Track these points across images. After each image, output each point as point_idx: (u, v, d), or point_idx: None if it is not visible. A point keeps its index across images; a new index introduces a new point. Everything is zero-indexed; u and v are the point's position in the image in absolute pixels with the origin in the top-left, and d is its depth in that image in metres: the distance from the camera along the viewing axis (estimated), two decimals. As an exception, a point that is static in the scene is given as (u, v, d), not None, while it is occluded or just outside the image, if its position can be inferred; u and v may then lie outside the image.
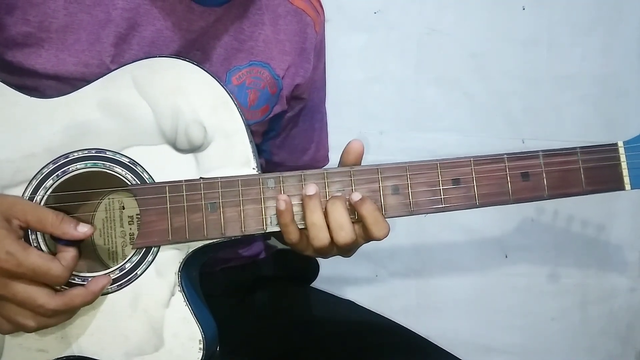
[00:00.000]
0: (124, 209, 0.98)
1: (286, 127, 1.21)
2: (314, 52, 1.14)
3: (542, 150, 0.94)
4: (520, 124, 1.84)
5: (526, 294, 1.91)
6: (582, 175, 0.93)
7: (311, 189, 0.89)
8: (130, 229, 0.98)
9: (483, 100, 1.83)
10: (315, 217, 0.88)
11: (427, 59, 1.80)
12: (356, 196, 0.89)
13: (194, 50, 1.02)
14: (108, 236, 0.98)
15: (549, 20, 1.82)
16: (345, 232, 0.88)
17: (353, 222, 0.90)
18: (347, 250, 0.92)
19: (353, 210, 0.89)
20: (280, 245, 1.27)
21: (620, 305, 1.95)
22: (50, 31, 0.95)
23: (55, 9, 0.95)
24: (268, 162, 1.23)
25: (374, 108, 1.80)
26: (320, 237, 0.88)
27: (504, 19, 1.81)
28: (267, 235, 1.13)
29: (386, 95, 1.80)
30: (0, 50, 0.96)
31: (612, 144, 0.94)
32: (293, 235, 0.90)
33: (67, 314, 0.86)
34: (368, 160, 0.94)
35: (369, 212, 0.89)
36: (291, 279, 1.24)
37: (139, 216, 0.90)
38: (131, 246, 0.91)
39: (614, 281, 1.94)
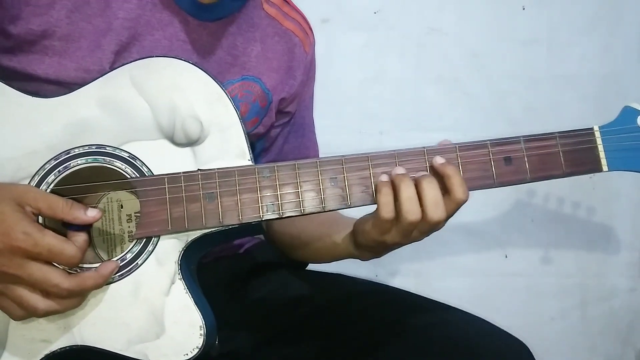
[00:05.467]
0: (122, 207, 1.00)
1: (275, 142, 1.24)
2: (303, 70, 1.19)
3: (523, 136, 0.97)
4: (520, 124, 1.84)
5: (526, 294, 1.91)
6: (562, 158, 0.97)
7: (401, 169, 0.93)
8: (129, 226, 0.99)
9: (483, 100, 1.83)
10: (411, 191, 0.91)
11: (427, 58, 1.81)
12: (439, 159, 0.93)
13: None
14: (107, 234, 0.99)
15: (549, 20, 1.83)
16: (440, 209, 0.91)
17: None
18: (430, 231, 0.94)
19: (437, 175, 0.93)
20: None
21: (620, 305, 1.95)
22: (53, 39, 0.98)
23: (58, 18, 0.97)
24: None
25: (374, 108, 1.81)
26: (414, 210, 0.90)
27: (504, 19, 1.82)
28: (262, 228, 1.14)
29: (386, 95, 1.81)
30: (5, 58, 0.99)
31: (588, 128, 0.98)
32: (390, 207, 0.91)
33: (78, 297, 0.88)
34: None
35: (455, 171, 0.92)
36: (283, 265, 1.24)
37: (137, 214, 0.91)
38: (130, 244, 0.92)
39: (614, 281, 1.94)
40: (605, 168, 0.97)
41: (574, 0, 1.83)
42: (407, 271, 1.86)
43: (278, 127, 1.22)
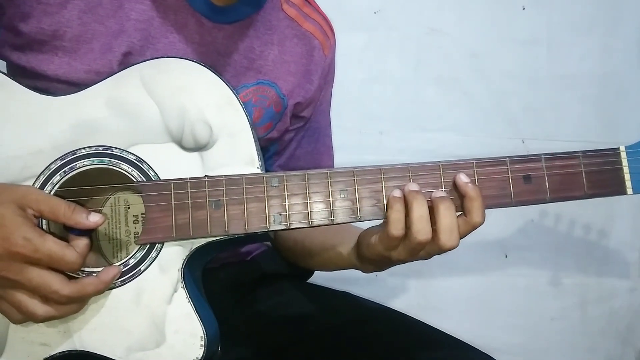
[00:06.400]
0: (129, 208, 0.98)
1: (288, 146, 1.22)
2: (321, 74, 1.16)
3: (544, 154, 0.93)
4: (520, 124, 1.85)
5: (526, 294, 1.92)
6: (584, 179, 0.93)
7: (415, 185, 0.90)
8: (135, 227, 0.98)
9: (483, 100, 1.83)
10: (423, 210, 0.88)
11: (427, 59, 1.80)
12: (464, 178, 0.90)
13: None
14: (113, 234, 0.98)
15: (549, 20, 1.83)
16: (454, 236, 0.88)
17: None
18: (438, 253, 0.92)
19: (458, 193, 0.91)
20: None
21: (620, 305, 1.96)
22: (64, 40, 0.96)
23: (69, 18, 0.96)
24: None
25: (374, 108, 1.81)
26: (425, 230, 0.88)
27: (504, 19, 1.82)
28: (269, 236, 1.13)
29: (386, 95, 1.80)
30: (14, 55, 0.98)
31: (614, 148, 0.94)
32: (400, 225, 0.89)
33: (77, 303, 0.87)
34: (368, 160, 0.94)
35: (478, 194, 0.89)
36: (288, 276, 1.24)
37: (144, 215, 0.90)
38: (135, 245, 0.91)
39: (614, 281, 1.95)
40: (629, 191, 0.93)
41: (574, 0, 1.83)
42: (407, 271, 1.85)
43: (292, 132, 1.20)
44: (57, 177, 0.91)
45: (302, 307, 1.16)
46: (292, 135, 1.20)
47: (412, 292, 1.88)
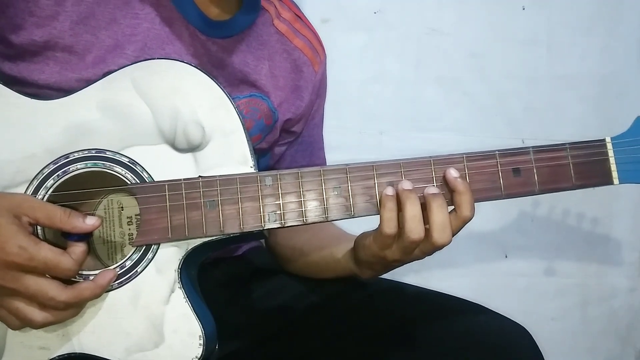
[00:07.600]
0: (122, 209, 0.99)
1: (281, 161, 1.23)
2: (311, 90, 1.18)
3: (533, 147, 0.95)
4: (520, 124, 1.84)
5: (526, 294, 1.91)
6: (572, 170, 0.95)
7: (408, 183, 0.91)
8: (130, 229, 0.98)
9: (483, 100, 1.83)
10: (417, 210, 0.89)
11: (427, 58, 1.80)
12: (454, 173, 0.92)
13: None
14: (107, 237, 0.98)
15: (549, 20, 1.82)
16: (447, 233, 0.90)
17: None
18: (433, 252, 0.93)
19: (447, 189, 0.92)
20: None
21: (620, 305, 1.95)
22: (56, 50, 0.97)
23: (61, 29, 0.97)
24: None
25: (374, 108, 1.80)
26: (418, 229, 0.89)
27: (504, 19, 1.81)
28: (264, 234, 1.14)
29: (386, 95, 1.80)
30: (6, 65, 0.99)
31: (600, 139, 0.96)
32: (393, 223, 0.90)
33: (75, 308, 0.88)
34: (367, 160, 0.94)
35: (467, 188, 0.91)
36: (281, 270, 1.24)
37: (138, 216, 0.91)
38: (130, 246, 0.91)
39: (614, 281, 1.94)
40: (616, 181, 0.95)
41: (574, 0, 1.83)
42: (406, 271, 1.84)
43: (283, 146, 1.21)
44: (50, 181, 0.91)
45: (291, 290, 1.16)
46: (283, 149, 1.21)
47: (412, 293, 1.88)
